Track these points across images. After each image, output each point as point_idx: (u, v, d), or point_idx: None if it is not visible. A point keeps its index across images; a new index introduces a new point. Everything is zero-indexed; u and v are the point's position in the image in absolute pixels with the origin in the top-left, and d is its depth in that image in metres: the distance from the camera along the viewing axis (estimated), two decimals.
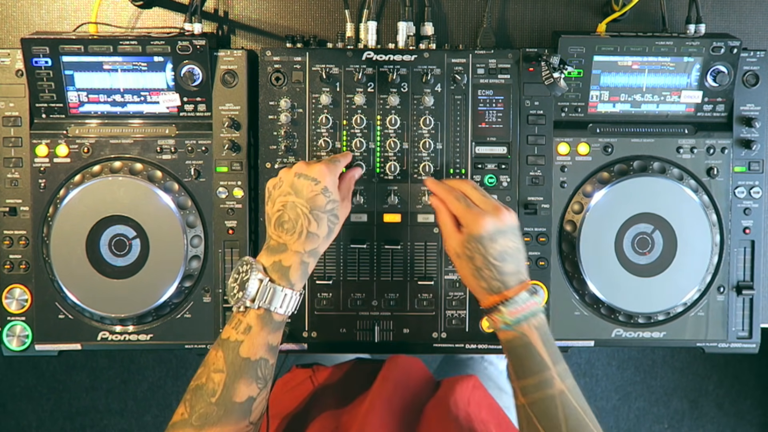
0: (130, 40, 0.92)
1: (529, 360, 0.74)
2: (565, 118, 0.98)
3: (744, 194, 0.98)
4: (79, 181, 0.94)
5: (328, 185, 0.81)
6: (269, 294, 0.75)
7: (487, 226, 0.79)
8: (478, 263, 0.79)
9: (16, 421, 1.99)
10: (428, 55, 0.95)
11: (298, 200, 0.80)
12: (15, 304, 0.95)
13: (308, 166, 0.82)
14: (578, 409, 0.71)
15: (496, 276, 0.78)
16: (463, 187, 0.85)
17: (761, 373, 2.06)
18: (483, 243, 0.79)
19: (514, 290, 0.78)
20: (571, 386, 0.73)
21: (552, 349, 0.75)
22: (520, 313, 0.76)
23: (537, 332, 0.75)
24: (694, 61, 0.95)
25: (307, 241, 0.79)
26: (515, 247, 0.80)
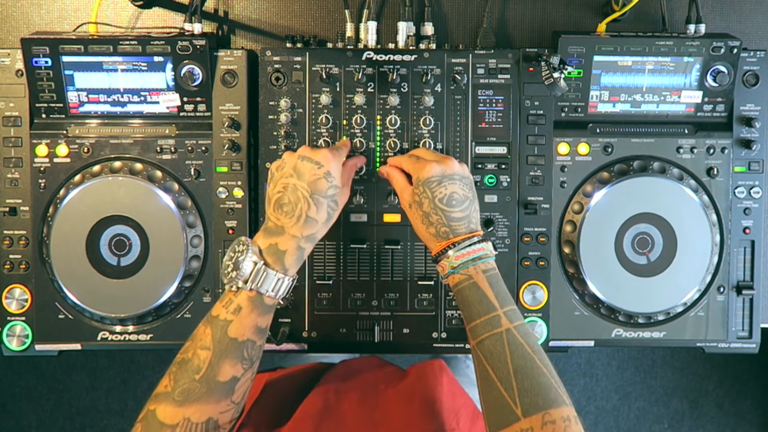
0: (130, 40, 0.92)
1: (476, 302, 0.75)
2: (565, 118, 0.98)
3: (744, 194, 0.98)
4: (79, 181, 0.94)
5: (332, 170, 0.81)
6: (262, 277, 0.75)
7: (433, 170, 0.81)
8: (426, 208, 0.81)
9: (16, 421, 1.99)
10: (428, 55, 0.95)
11: (300, 183, 0.80)
12: (15, 304, 0.95)
13: (312, 150, 0.83)
14: (524, 345, 0.71)
15: (444, 221, 0.80)
16: (416, 151, 0.90)
17: (761, 373, 2.05)
18: (430, 187, 0.81)
19: (462, 236, 0.79)
20: (518, 325, 0.73)
21: (500, 292, 0.76)
22: (466, 256, 0.77)
23: (483, 275, 0.77)
24: (694, 61, 0.95)
25: (306, 225, 0.79)
26: (463, 195, 0.81)
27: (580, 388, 2.05)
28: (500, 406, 0.68)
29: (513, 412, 0.67)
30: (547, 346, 0.98)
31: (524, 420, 0.66)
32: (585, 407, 2.04)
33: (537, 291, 0.97)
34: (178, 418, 0.69)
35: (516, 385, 0.68)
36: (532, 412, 0.66)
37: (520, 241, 0.97)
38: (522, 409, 0.66)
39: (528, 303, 0.97)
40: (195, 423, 0.70)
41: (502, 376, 0.69)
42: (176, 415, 0.70)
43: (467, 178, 0.83)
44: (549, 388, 0.68)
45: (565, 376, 2.05)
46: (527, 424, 0.66)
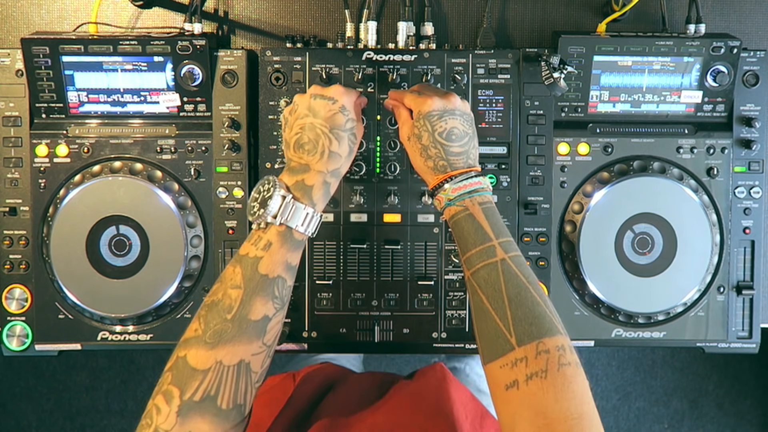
0: (130, 40, 0.92)
1: (471, 233, 0.75)
2: (565, 118, 0.98)
3: (744, 194, 0.98)
4: (79, 181, 0.94)
5: (346, 104, 0.81)
6: (291, 211, 0.75)
7: (435, 104, 0.81)
8: (425, 141, 0.80)
9: (16, 421, 1.99)
10: (428, 55, 0.95)
11: (317, 120, 0.79)
12: (15, 304, 0.95)
13: (323, 87, 0.82)
14: (519, 275, 0.71)
15: (442, 155, 0.80)
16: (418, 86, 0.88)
17: (761, 373, 2.06)
18: (430, 120, 0.80)
19: (459, 170, 0.79)
20: (513, 256, 0.73)
21: (495, 224, 0.76)
22: (462, 189, 0.77)
23: (479, 207, 0.76)
24: (694, 61, 0.95)
25: (330, 160, 0.79)
26: (463, 131, 0.81)
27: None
28: (495, 336, 0.68)
29: (507, 341, 0.66)
30: None
31: (518, 349, 0.65)
32: None
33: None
34: (210, 362, 0.68)
35: (510, 314, 0.68)
36: (525, 341, 0.66)
37: (520, 241, 0.97)
38: (516, 338, 0.66)
39: None
40: (227, 366, 0.68)
41: (496, 305, 0.69)
42: (208, 359, 0.68)
43: (468, 114, 0.83)
44: (543, 317, 0.68)
45: None
46: (521, 353, 0.65)
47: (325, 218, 0.96)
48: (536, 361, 0.64)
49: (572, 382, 0.63)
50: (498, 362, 0.66)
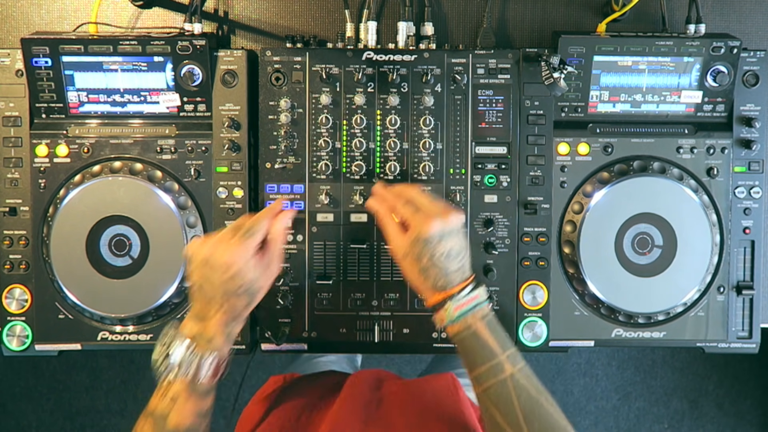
0: (130, 40, 0.92)
1: (478, 349, 0.76)
2: (565, 118, 0.98)
3: (744, 194, 0.98)
4: (79, 181, 0.94)
5: (239, 269, 0.78)
6: (195, 363, 0.76)
7: (435, 228, 0.79)
8: (425, 263, 0.80)
9: (16, 421, 1.99)
10: (428, 55, 0.95)
11: (212, 284, 0.79)
12: (15, 304, 0.95)
13: (218, 248, 0.79)
14: (529, 389, 0.73)
15: (442, 275, 0.80)
16: (410, 193, 0.85)
17: (761, 373, 2.06)
18: (431, 244, 0.79)
19: (458, 287, 0.79)
20: (520, 368, 0.74)
21: (499, 336, 0.77)
22: (464, 306, 0.78)
23: (482, 322, 0.77)
24: (694, 61, 0.95)
25: (228, 314, 0.79)
26: (460, 246, 0.81)
27: (580, 388, 2.05)
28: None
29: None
30: (547, 346, 0.98)
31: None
32: (585, 407, 2.04)
33: (537, 291, 0.97)
34: None
35: (527, 428, 0.70)
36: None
37: (520, 241, 0.97)
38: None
39: (528, 303, 0.97)
40: None
41: (511, 421, 0.71)
42: None
43: (463, 227, 0.83)
44: (557, 428, 0.71)
45: (565, 376, 2.05)
46: None
47: (325, 218, 0.96)
48: None
49: None
50: None
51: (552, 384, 2.04)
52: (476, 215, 0.96)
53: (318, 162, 0.95)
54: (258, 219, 0.84)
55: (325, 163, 0.95)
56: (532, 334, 0.97)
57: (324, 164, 0.95)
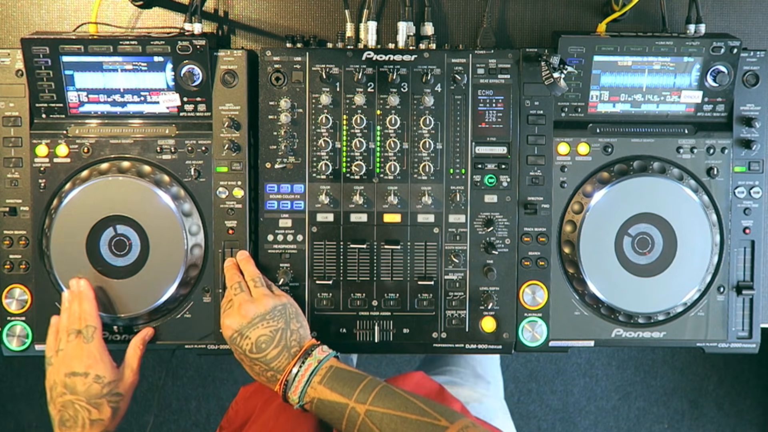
0: (130, 40, 0.92)
1: (331, 412, 0.77)
2: (565, 118, 0.98)
3: (744, 194, 0.98)
4: (79, 181, 0.94)
5: (99, 372, 0.85)
6: None
7: (228, 329, 0.83)
8: (246, 363, 0.82)
9: (16, 421, 1.99)
10: (428, 55, 0.95)
11: (74, 397, 0.83)
12: (15, 304, 0.95)
13: (72, 361, 0.85)
14: (388, 412, 0.73)
15: (265, 367, 0.81)
16: (229, 284, 0.89)
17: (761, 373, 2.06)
18: (237, 343, 0.82)
19: (286, 371, 0.80)
20: (372, 400, 0.75)
21: (343, 385, 0.77)
22: (299, 387, 0.79)
23: (322, 386, 0.78)
24: (694, 61, 0.95)
25: (93, 427, 0.83)
26: (271, 332, 0.82)
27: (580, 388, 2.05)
28: None
29: None
30: (547, 346, 0.98)
31: None
32: (585, 407, 2.04)
33: (537, 291, 0.97)
34: None
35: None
36: None
37: (520, 241, 0.97)
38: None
39: (528, 303, 0.97)
40: None
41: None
42: None
43: (267, 310, 0.83)
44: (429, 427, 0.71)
45: (565, 376, 2.05)
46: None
47: (325, 218, 0.96)
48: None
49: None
50: None
51: (552, 384, 2.04)
52: (476, 215, 0.96)
53: (318, 162, 0.95)
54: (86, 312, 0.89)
55: (325, 163, 0.95)
56: (532, 334, 0.97)
57: (324, 164, 0.95)
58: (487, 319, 0.97)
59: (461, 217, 0.96)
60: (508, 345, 0.98)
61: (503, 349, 0.98)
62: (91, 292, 0.90)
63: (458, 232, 0.96)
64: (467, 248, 0.96)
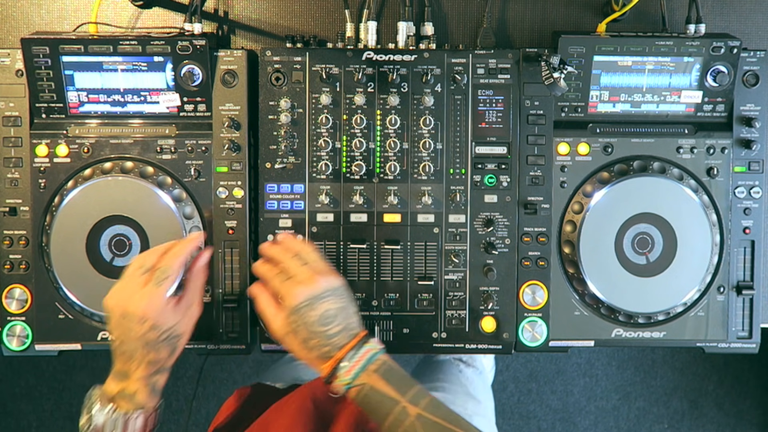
0: (130, 40, 0.92)
1: (379, 404, 0.75)
2: (565, 118, 0.98)
3: (744, 194, 0.98)
4: (80, 181, 0.93)
5: (157, 322, 0.79)
6: (120, 423, 0.77)
7: (300, 295, 0.79)
8: (303, 335, 0.79)
9: (16, 421, 1.99)
10: (428, 55, 0.95)
11: (131, 337, 0.79)
12: (15, 304, 0.95)
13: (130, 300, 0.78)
14: (439, 422, 0.72)
15: (324, 342, 0.78)
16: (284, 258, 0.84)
17: (761, 373, 2.06)
18: (301, 313, 0.78)
19: (344, 350, 0.78)
20: (426, 405, 0.74)
21: (398, 382, 0.76)
22: (354, 369, 0.77)
23: (377, 375, 0.76)
24: (694, 61, 0.95)
25: (149, 366, 0.80)
26: (336, 309, 0.79)
27: (580, 388, 2.05)
28: None
29: None
30: (547, 346, 0.98)
31: None
32: (585, 407, 2.04)
33: (537, 291, 0.97)
34: None
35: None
36: None
37: (520, 241, 0.97)
38: None
39: (528, 303, 0.97)
40: None
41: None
42: None
43: (336, 287, 0.81)
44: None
45: (565, 376, 2.05)
46: None
47: (325, 218, 0.96)
48: None
49: None
50: None
51: (552, 384, 2.04)
52: (476, 215, 0.96)
53: (318, 162, 0.95)
54: (171, 260, 0.82)
55: (325, 163, 0.95)
56: (532, 334, 0.97)
57: (324, 164, 0.95)
58: (487, 319, 0.97)
59: (461, 217, 0.96)
60: (508, 345, 0.98)
61: (503, 349, 0.98)
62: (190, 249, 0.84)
63: (458, 232, 0.96)
64: (467, 248, 0.96)
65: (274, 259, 0.85)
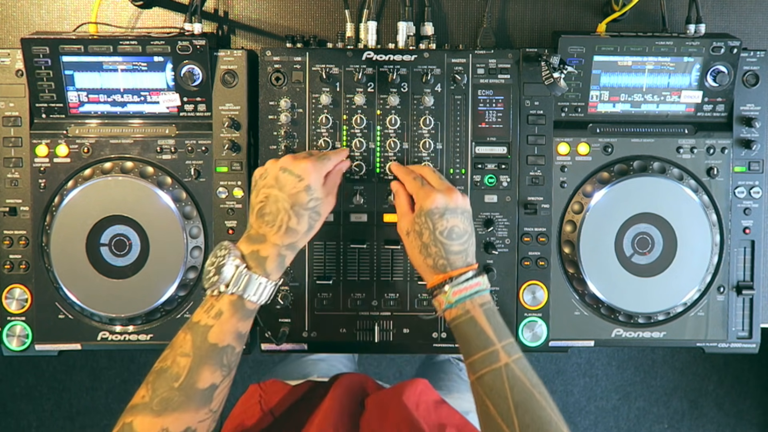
0: (130, 40, 0.92)
1: (474, 337, 0.75)
2: (565, 118, 0.98)
3: (744, 194, 0.98)
4: (80, 181, 0.94)
5: (312, 183, 0.81)
6: (244, 280, 0.75)
7: (437, 201, 0.81)
8: (426, 239, 0.80)
9: (16, 421, 1.99)
10: (428, 55, 0.95)
11: (281, 194, 0.80)
12: (15, 304, 0.95)
13: (295, 161, 0.82)
14: (524, 380, 0.72)
15: (442, 254, 0.80)
16: (423, 171, 0.88)
17: (761, 373, 2.06)
18: (432, 218, 0.80)
19: (459, 270, 0.79)
20: (516, 359, 0.73)
21: (497, 325, 0.76)
22: (463, 292, 0.77)
23: (481, 309, 0.77)
24: (694, 61, 0.95)
25: (286, 235, 0.79)
26: (463, 229, 0.81)
27: (580, 388, 2.05)
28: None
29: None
30: (547, 346, 0.98)
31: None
32: (585, 407, 2.04)
33: (537, 291, 0.97)
34: (156, 429, 0.69)
35: (517, 420, 0.69)
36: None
37: (520, 241, 0.97)
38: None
39: (528, 303, 0.97)
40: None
41: (502, 411, 0.70)
42: (154, 426, 0.69)
43: (468, 211, 0.84)
44: (550, 423, 0.69)
45: (565, 376, 2.05)
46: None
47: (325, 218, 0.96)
48: None
49: None
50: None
51: (552, 384, 2.04)
52: (476, 215, 0.96)
53: None
54: (329, 152, 0.89)
55: None
56: (532, 334, 0.97)
57: None
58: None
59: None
60: None
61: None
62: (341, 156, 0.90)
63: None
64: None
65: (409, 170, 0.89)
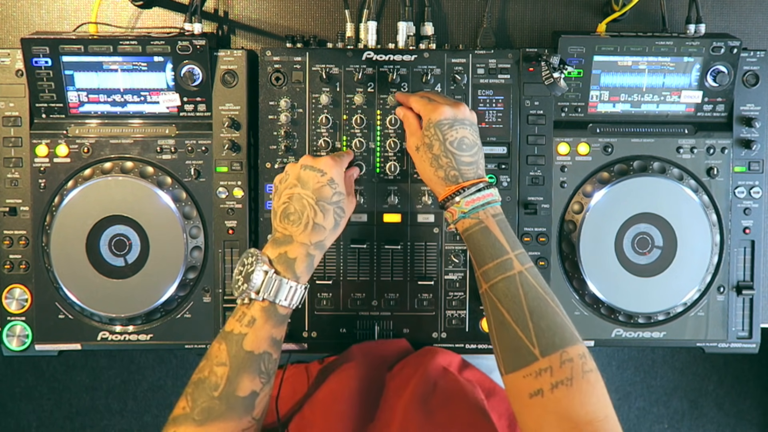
0: (130, 40, 0.92)
1: (487, 246, 0.76)
2: (565, 118, 0.98)
3: (744, 194, 0.98)
4: (80, 181, 0.94)
5: (335, 177, 0.82)
6: (274, 286, 0.75)
7: (446, 113, 0.82)
8: (437, 150, 0.81)
9: (16, 421, 1.99)
10: (428, 55, 0.95)
11: (304, 191, 0.80)
12: (15, 304, 0.95)
13: (314, 158, 0.83)
14: (537, 287, 0.72)
15: (453, 165, 0.80)
16: (427, 93, 0.89)
17: (761, 373, 2.06)
18: (441, 129, 0.81)
19: (471, 181, 0.80)
20: (529, 267, 0.74)
21: (510, 235, 0.77)
22: (476, 201, 0.78)
23: (493, 219, 0.77)
24: (694, 61, 0.95)
25: (314, 232, 0.79)
26: (473, 140, 0.82)
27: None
28: (517, 348, 0.69)
29: (531, 352, 0.68)
30: None
31: (543, 359, 0.67)
32: None
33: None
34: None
35: (532, 325, 0.69)
36: (550, 351, 0.67)
37: (520, 241, 0.97)
38: (540, 349, 0.68)
39: None
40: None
41: (517, 317, 0.70)
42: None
43: (476, 125, 0.85)
44: (564, 327, 0.69)
45: None
46: (546, 363, 0.67)
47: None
48: (561, 370, 0.66)
49: (595, 387, 0.67)
50: (521, 372, 0.68)
51: None
52: None
53: None
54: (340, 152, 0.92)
55: None
56: None
57: None
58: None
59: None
60: None
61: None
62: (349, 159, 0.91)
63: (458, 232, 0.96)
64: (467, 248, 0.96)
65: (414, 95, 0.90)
